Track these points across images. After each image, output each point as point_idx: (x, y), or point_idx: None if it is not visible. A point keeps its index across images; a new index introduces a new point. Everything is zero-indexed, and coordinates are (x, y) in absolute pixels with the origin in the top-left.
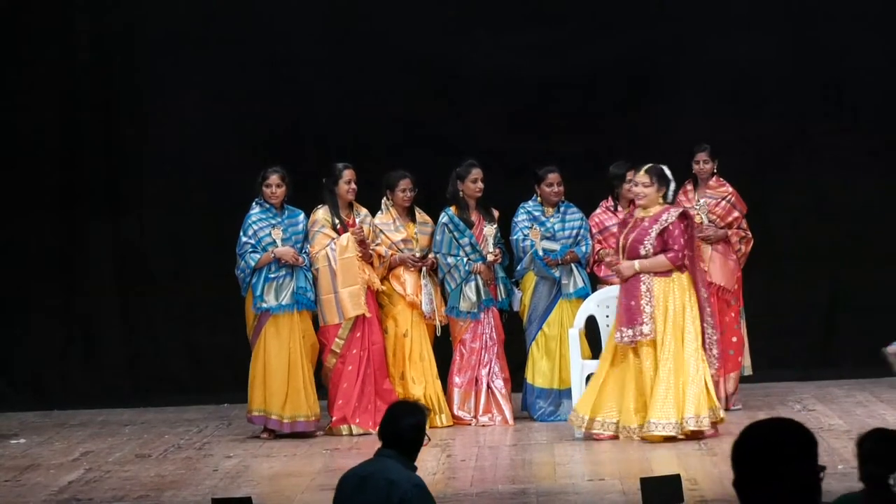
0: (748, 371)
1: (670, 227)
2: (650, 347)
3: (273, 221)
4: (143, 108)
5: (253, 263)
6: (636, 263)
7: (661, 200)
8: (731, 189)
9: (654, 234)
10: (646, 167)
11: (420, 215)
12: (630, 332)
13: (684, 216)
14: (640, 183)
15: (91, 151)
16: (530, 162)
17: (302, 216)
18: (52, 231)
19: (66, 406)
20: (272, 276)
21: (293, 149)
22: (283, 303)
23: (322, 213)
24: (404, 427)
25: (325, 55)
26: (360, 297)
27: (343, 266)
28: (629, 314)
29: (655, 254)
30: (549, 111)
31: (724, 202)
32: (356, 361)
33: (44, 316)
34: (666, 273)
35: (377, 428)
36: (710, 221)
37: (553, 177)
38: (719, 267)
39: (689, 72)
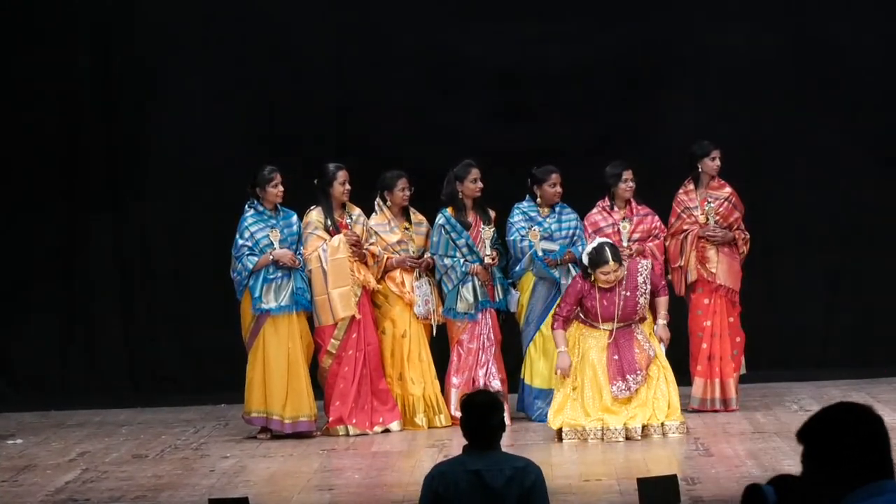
0: (742, 370)
1: (653, 278)
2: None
3: (269, 224)
4: (143, 107)
5: (251, 266)
6: (661, 322)
7: None
8: (731, 189)
9: (643, 302)
10: (613, 256)
11: (415, 215)
12: (630, 380)
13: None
14: (611, 272)
15: (92, 152)
16: (527, 156)
17: (295, 217)
18: (51, 231)
19: (63, 406)
20: (271, 277)
21: (293, 147)
22: (283, 304)
23: (315, 215)
24: (494, 425)
25: (325, 52)
26: (351, 298)
27: (333, 267)
28: (629, 364)
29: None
30: (548, 106)
31: (726, 203)
32: (352, 362)
33: (42, 316)
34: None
35: (460, 425)
36: (715, 222)
37: (556, 177)
38: (726, 268)
39: (689, 67)
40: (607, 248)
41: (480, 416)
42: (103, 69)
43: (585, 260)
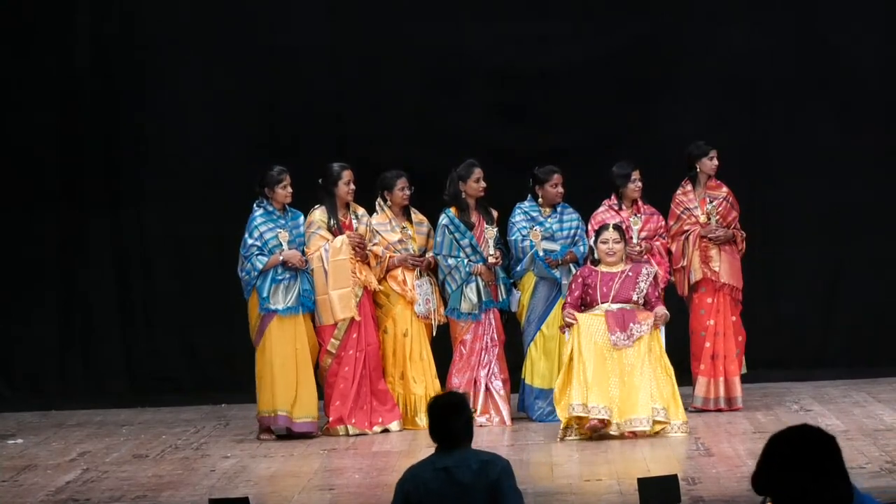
0: (743, 369)
1: (653, 282)
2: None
3: (279, 224)
4: (143, 107)
5: (260, 266)
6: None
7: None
8: (727, 189)
9: (643, 286)
10: (613, 224)
11: (416, 215)
12: (633, 328)
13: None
14: (611, 240)
15: (91, 153)
16: (528, 155)
17: (302, 218)
18: (51, 231)
19: (63, 406)
20: (279, 278)
21: (292, 147)
22: (290, 305)
23: (319, 214)
24: (458, 428)
25: (325, 52)
26: (351, 300)
27: (334, 268)
28: (630, 317)
29: (646, 300)
30: (549, 106)
31: (724, 202)
32: (352, 362)
33: (42, 316)
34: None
35: (429, 430)
36: (716, 222)
37: (557, 177)
38: (729, 267)
39: (689, 67)
40: (611, 223)
41: (443, 417)
42: (103, 69)
43: (591, 240)
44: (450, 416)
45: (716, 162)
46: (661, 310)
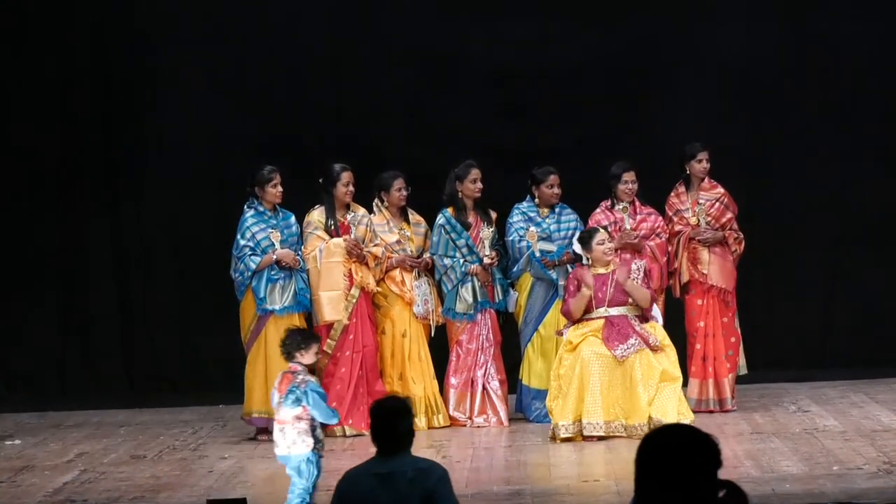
0: (743, 370)
1: (643, 276)
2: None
3: (270, 224)
4: (142, 107)
5: (254, 266)
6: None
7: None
8: (723, 190)
9: (635, 279)
10: (602, 227)
11: (413, 215)
12: (633, 339)
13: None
14: (606, 240)
15: (90, 152)
16: (527, 156)
17: (293, 218)
18: (50, 231)
19: (61, 407)
20: (275, 277)
21: (291, 147)
22: (287, 304)
23: (317, 215)
24: (403, 431)
25: (324, 52)
26: (340, 302)
27: (326, 269)
28: (622, 334)
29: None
30: (548, 106)
31: (717, 203)
32: (348, 363)
33: (42, 316)
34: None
35: (371, 434)
36: (706, 224)
37: (554, 178)
38: (718, 269)
39: (688, 67)
40: (596, 227)
41: (387, 421)
42: (103, 69)
43: (578, 248)
44: (392, 420)
45: (705, 164)
46: (645, 293)
